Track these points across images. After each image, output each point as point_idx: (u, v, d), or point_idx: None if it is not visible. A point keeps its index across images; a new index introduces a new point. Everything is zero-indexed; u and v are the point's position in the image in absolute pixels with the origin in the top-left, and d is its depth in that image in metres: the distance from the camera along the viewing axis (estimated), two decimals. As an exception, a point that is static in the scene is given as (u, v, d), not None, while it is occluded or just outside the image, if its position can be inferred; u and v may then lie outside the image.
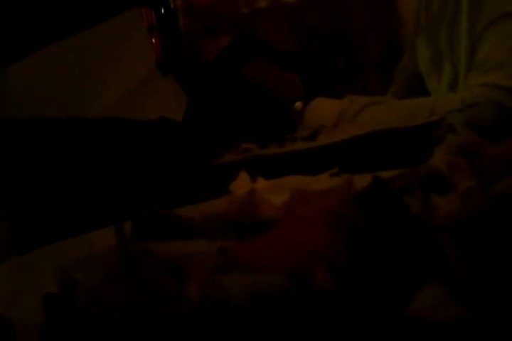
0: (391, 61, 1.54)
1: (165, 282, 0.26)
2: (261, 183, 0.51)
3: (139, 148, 0.70)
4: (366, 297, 0.24)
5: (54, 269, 0.34)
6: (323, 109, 1.13)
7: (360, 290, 0.24)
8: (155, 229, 0.34)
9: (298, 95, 1.20)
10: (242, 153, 0.82)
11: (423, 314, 0.23)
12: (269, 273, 0.25)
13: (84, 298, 0.28)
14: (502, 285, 0.25)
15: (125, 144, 0.70)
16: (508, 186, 0.30)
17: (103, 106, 0.71)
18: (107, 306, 0.27)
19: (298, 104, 1.16)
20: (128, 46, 0.76)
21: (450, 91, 1.23)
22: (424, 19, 1.33)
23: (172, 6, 2.68)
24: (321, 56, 2.58)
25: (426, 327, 0.23)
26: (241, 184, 0.50)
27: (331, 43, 2.94)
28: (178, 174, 0.73)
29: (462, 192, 0.32)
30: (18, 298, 0.39)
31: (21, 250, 0.50)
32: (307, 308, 0.24)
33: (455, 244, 0.26)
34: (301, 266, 0.25)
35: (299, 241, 0.27)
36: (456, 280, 0.25)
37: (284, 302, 0.24)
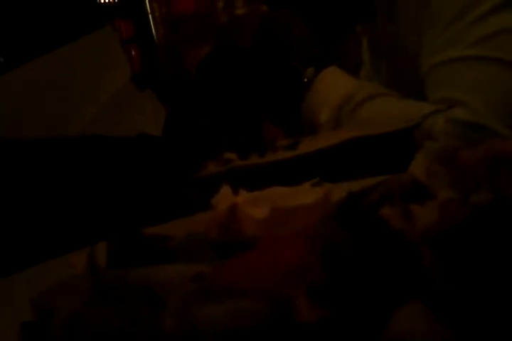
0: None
1: (138, 310, 0.25)
2: (242, 197, 0.50)
3: (120, 166, 0.69)
4: (347, 323, 0.24)
5: (31, 296, 0.33)
6: (333, 83, 1.10)
7: (341, 315, 0.24)
8: (132, 251, 0.34)
9: (314, 53, 1.16)
10: (223, 164, 0.82)
11: (403, 338, 0.23)
12: (247, 298, 0.25)
13: (60, 327, 0.28)
14: (485, 300, 0.24)
15: (105, 162, 0.69)
16: (487, 197, 0.30)
17: (80, 122, 0.70)
18: (83, 335, 0.26)
19: (310, 70, 1.14)
20: (103, 62, 0.75)
21: None
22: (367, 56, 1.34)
23: (150, 17, 2.67)
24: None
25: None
26: (223, 198, 0.49)
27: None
28: (161, 189, 0.72)
29: (440, 204, 0.31)
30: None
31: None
32: (286, 338, 0.23)
33: (435, 258, 0.26)
34: (281, 290, 0.25)
35: (278, 263, 0.26)
36: (437, 295, 0.25)
37: (261, 333, 0.23)
